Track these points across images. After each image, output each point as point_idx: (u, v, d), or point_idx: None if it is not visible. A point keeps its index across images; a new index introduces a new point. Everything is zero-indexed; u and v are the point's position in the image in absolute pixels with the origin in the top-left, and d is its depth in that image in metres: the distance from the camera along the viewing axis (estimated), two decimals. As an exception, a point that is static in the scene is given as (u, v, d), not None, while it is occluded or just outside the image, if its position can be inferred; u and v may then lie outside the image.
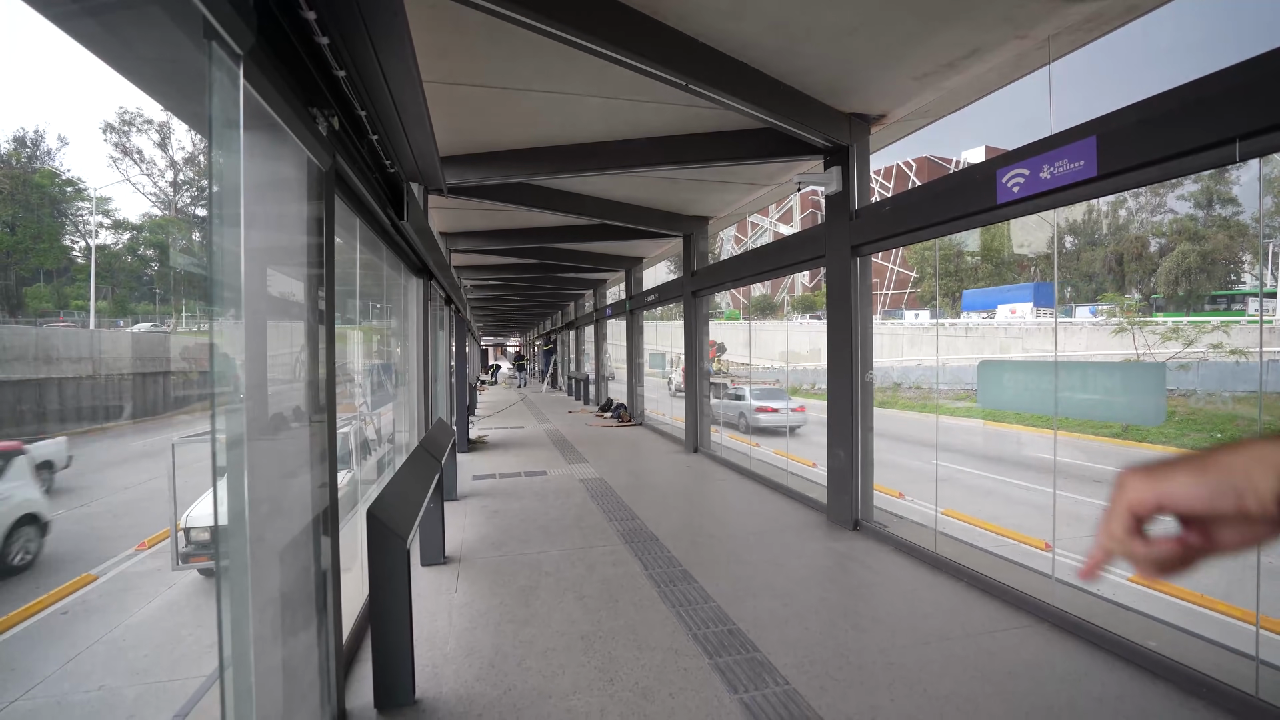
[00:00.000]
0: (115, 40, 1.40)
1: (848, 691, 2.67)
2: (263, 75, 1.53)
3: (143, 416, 17.17)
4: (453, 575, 4.08)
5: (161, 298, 38.52)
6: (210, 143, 1.40)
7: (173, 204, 40.14)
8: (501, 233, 9.65)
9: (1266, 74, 2.37)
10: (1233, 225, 33.37)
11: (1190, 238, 33.10)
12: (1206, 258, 32.20)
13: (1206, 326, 17.83)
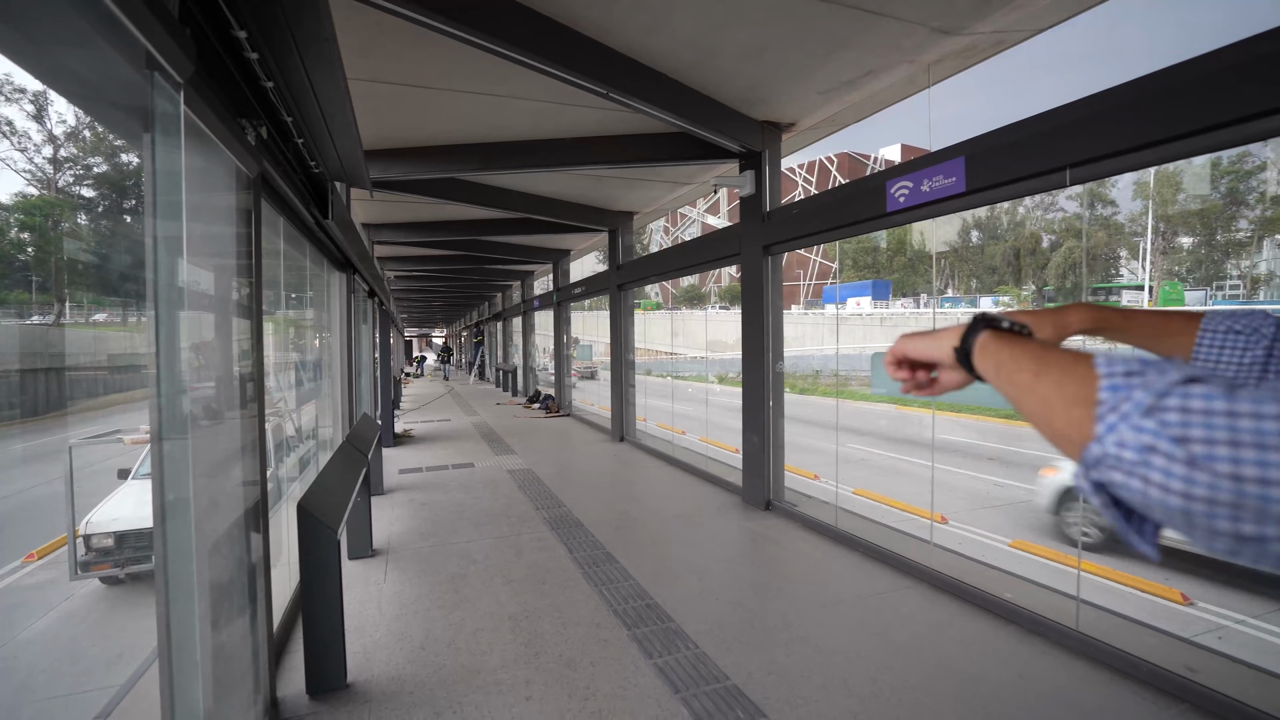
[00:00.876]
0: (50, 60, 1.48)
1: (750, 651, 3.00)
2: (199, 98, 1.63)
3: (29, 417, 15.80)
4: (381, 567, 4.17)
5: (40, 285, 35.25)
6: (153, 161, 1.50)
7: (53, 183, 36.76)
8: (428, 225, 9.57)
9: (1086, 115, 2.82)
10: (1111, 224, 36.66)
11: (1076, 235, 36.12)
12: (1089, 253, 35.38)
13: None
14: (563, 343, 12.49)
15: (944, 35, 3.81)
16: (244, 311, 2.56)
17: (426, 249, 11.76)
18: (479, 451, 8.45)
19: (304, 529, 2.74)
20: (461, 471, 7.16)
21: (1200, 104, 2.42)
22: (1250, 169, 27.05)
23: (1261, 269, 27.63)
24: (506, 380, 17.89)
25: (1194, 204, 30.27)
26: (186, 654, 1.90)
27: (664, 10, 3.65)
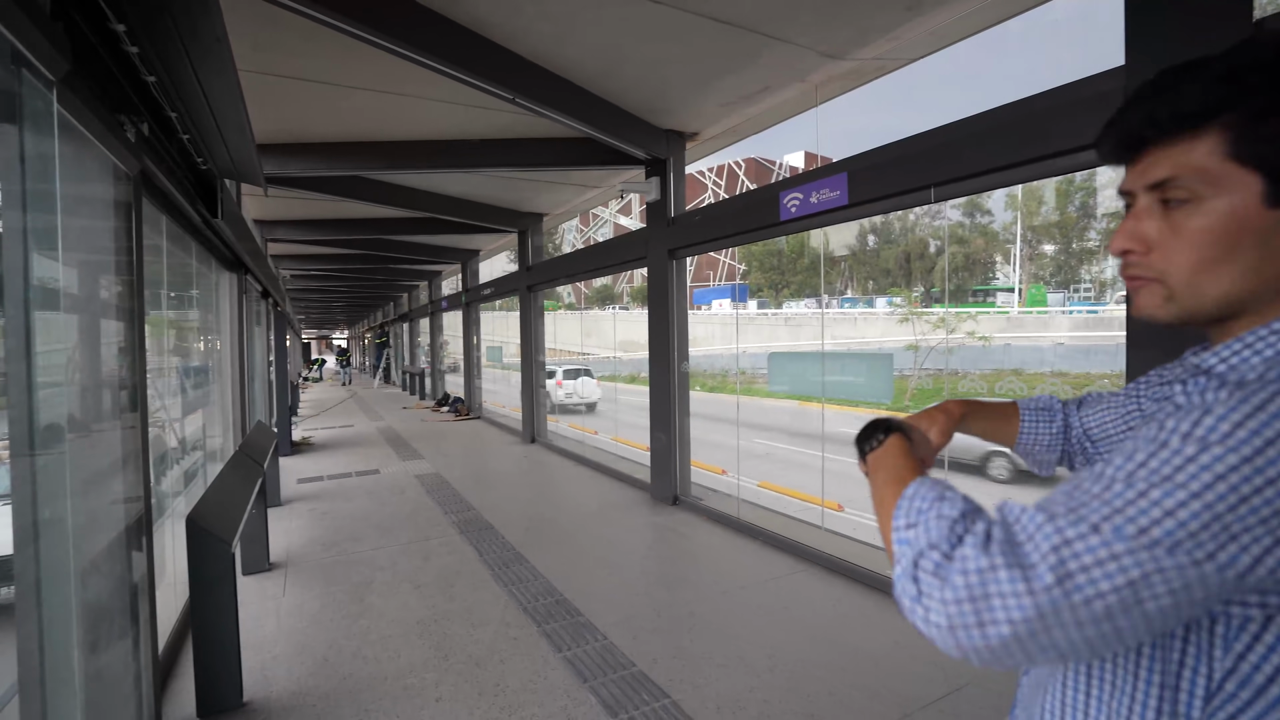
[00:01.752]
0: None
1: (656, 639, 3.15)
2: (74, 95, 1.57)
3: None
4: (280, 580, 4.01)
5: None
6: (21, 161, 1.43)
7: None
8: (328, 223, 9.13)
9: (946, 141, 3.18)
10: (988, 232, 40.11)
11: (958, 241, 39.25)
12: (970, 258, 38.59)
13: (964, 316, 21.52)
14: (472, 344, 12.28)
15: (831, 59, 4.12)
16: (124, 314, 2.43)
17: (327, 248, 11.22)
18: (385, 457, 8.18)
19: (194, 544, 2.62)
20: (366, 478, 6.92)
21: (1035, 136, 2.79)
22: (1094, 186, 30.51)
23: (1108, 274, 31.24)
24: (414, 383, 17.31)
25: (1054, 216, 33.75)
26: (62, 683, 1.81)
27: (569, 20, 3.74)
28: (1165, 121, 0.61)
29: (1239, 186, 0.58)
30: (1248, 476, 0.47)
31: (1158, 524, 0.48)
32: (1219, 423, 0.49)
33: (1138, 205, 0.66)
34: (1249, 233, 0.59)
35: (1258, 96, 0.57)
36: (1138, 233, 0.65)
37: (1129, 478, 0.51)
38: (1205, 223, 0.60)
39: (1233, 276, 0.61)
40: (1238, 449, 0.48)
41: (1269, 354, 0.59)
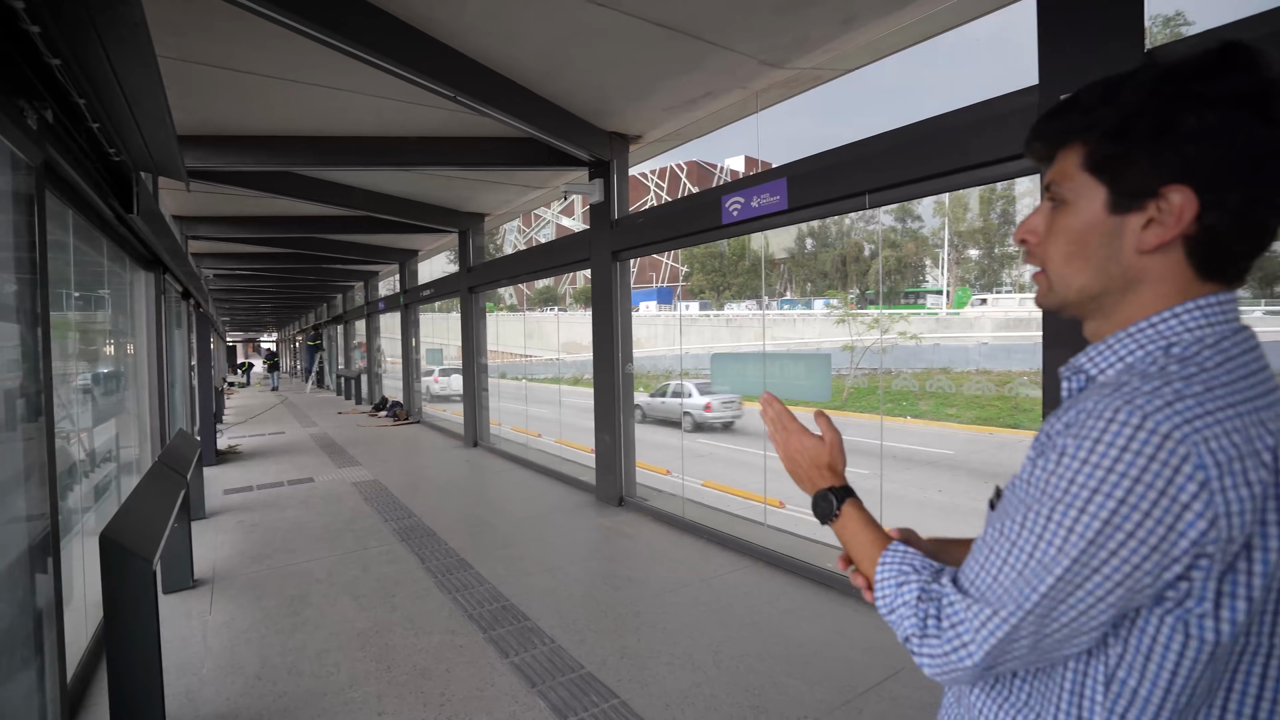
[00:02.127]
0: None
1: (603, 639, 3.15)
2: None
3: None
4: (206, 597, 3.79)
5: None
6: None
7: None
8: (256, 220, 8.68)
9: (877, 151, 3.32)
10: (919, 237, 41.91)
11: (891, 245, 40.85)
12: (901, 261, 40.23)
13: (897, 318, 22.43)
14: (411, 346, 11.95)
15: (771, 67, 4.23)
16: (25, 316, 2.25)
17: (255, 246, 10.68)
18: (319, 465, 7.86)
19: (109, 562, 2.45)
20: (299, 487, 6.63)
21: (959, 148, 2.95)
22: (1014, 195, 32.41)
23: (1025, 278, 33.20)
24: (349, 387, 16.70)
25: (978, 223, 35.61)
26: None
27: (514, 20, 3.70)
28: (1052, 135, 0.72)
29: (1092, 194, 0.68)
30: (1107, 539, 0.58)
31: (1043, 594, 0.61)
32: (1077, 491, 0.60)
33: (1041, 202, 0.76)
34: (1097, 234, 0.68)
35: (1107, 110, 0.66)
36: (1030, 225, 0.76)
37: (1016, 553, 0.63)
38: (1068, 222, 0.70)
39: (1087, 273, 0.70)
40: (1094, 519, 0.58)
41: (1127, 357, 0.67)
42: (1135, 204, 0.65)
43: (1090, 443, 0.59)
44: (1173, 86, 0.62)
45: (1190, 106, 0.61)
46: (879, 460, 4.50)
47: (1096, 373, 0.70)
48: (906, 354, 20.60)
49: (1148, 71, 0.65)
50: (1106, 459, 0.57)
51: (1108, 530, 0.57)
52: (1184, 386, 0.59)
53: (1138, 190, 0.65)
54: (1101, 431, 0.58)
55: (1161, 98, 0.63)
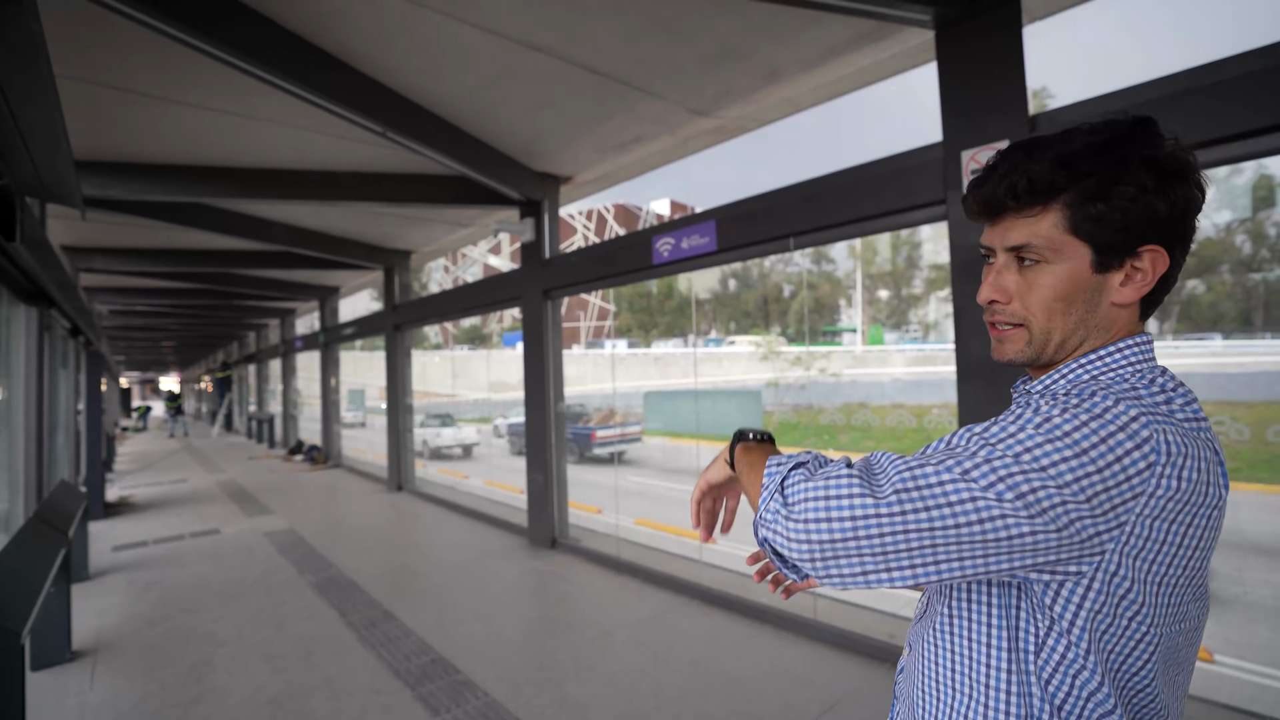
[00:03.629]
0: None
1: (540, 689, 3.04)
2: None
3: None
4: (86, 672, 3.39)
5: None
6: None
7: None
8: (162, 253, 8.11)
9: (801, 197, 3.51)
10: (833, 279, 44.03)
11: (809, 286, 42.71)
12: (818, 302, 42.13)
13: (818, 354, 23.35)
14: (330, 387, 11.40)
15: (698, 115, 4.42)
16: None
17: (158, 280, 9.98)
18: (227, 515, 7.29)
19: (-29, 634, 2.16)
20: (203, 540, 6.11)
21: (873, 195, 3.16)
22: (918, 241, 34.91)
23: (930, 318, 35.57)
24: (261, 430, 15.68)
25: (888, 266, 37.99)
26: None
27: (444, 59, 3.72)
28: (1022, 195, 0.73)
29: (1075, 254, 0.73)
30: (1064, 457, 0.61)
31: (989, 472, 0.62)
32: (1049, 413, 0.64)
33: (998, 260, 0.79)
34: (1082, 290, 0.74)
35: (1089, 180, 0.70)
36: (1001, 285, 0.79)
37: (967, 444, 0.66)
38: (1052, 281, 0.74)
39: (1069, 324, 0.75)
40: (1058, 434, 0.62)
41: (1072, 379, 0.75)
42: (1117, 263, 0.72)
43: (1062, 406, 0.64)
44: (1129, 151, 0.69)
45: (1152, 172, 0.68)
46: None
47: (1044, 391, 0.77)
48: (828, 389, 21.40)
49: (1087, 136, 0.71)
50: (1080, 416, 0.63)
51: (1056, 458, 0.61)
52: (1147, 394, 0.67)
53: (1120, 249, 0.71)
54: (1080, 401, 0.64)
55: (1127, 164, 0.69)
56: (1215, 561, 0.68)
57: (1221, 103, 2.13)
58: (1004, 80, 2.61)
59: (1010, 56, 2.60)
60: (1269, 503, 5.86)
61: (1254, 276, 13.28)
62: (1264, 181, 6.00)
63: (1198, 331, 15.99)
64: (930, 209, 2.99)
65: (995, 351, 0.82)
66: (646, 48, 3.55)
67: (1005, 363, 0.81)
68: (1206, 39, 58.39)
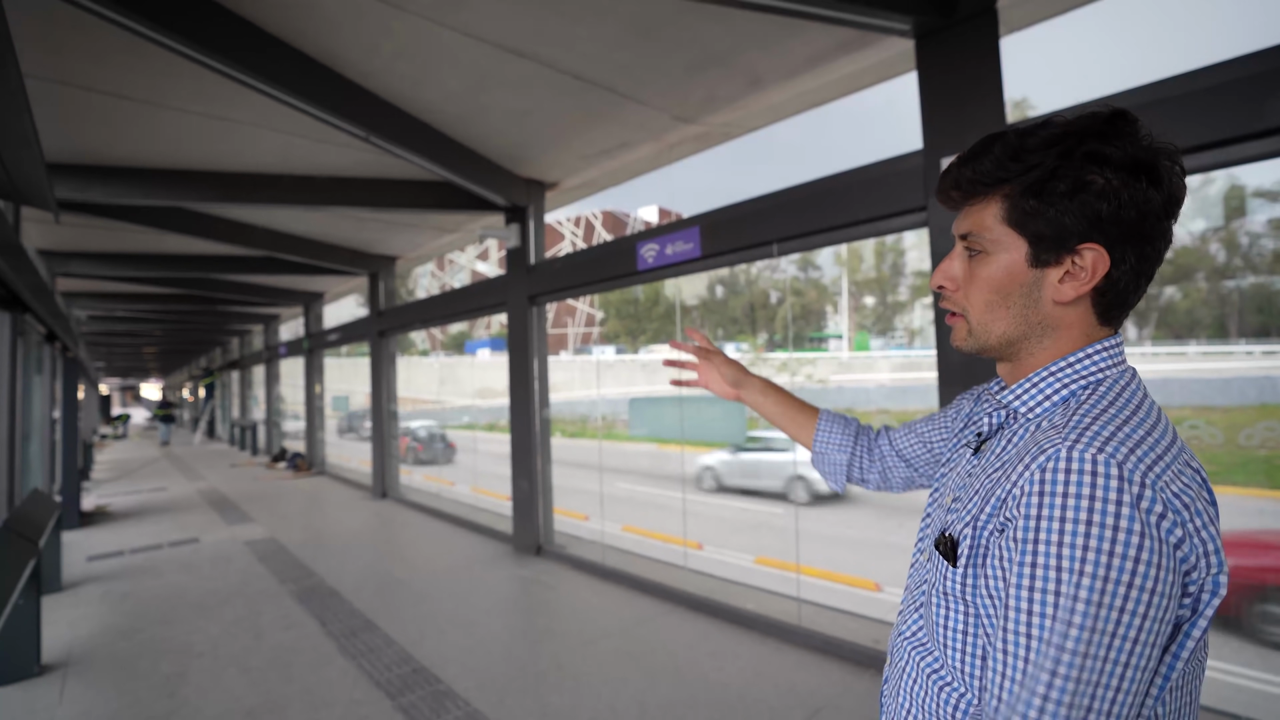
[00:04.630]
0: None
1: (522, 698, 3.00)
2: None
3: None
4: (56, 686, 3.30)
5: None
6: None
7: None
8: (141, 257, 8.00)
9: (784, 203, 3.53)
10: (819, 286, 44.34)
11: (795, 292, 42.99)
12: (805, 308, 42.39)
13: (804, 361, 23.49)
14: (315, 394, 11.29)
15: (682, 122, 4.44)
16: None
17: (138, 285, 9.84)
18: (206, 523, 7.17)
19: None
20: (182, 549, 6.01)
21: (857, 202, 3.19)
22: (903, 248, 35.27)
23: (915, 324, 35.90)
24: (244, 437, 15.47)
25: (873, 273, 38.33)
26: None
27: (429, 64, 3.71)
28: (966, 185, 0.73)
29: (1012, 247, 0.71)
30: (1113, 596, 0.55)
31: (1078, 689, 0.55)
32: (1068, 564, 0.57)
33: (955, 248, 0.79)
34: (1018, 285, 0.72)
35: (1031, 172, 0.68)
36: (949, 271, 0.78)
37: (1034, 662, 0.57)
38: (989, 273, 0.74)
39: (1008, 320, 0.74)
40: (1090, 580, 0.56)
41: (1054, 396, 0.72)
42: (1054, 258, 0.70)
43: (1074, 500, 0.58)
44: (1079, 146, 0.66)
45: (1097, 168, 0.66)
46: (794, 500, 4.63)
47: (1024, 410, 0.74)
48: (814, 395, 21.53)
49: (1048, 129, 0.69)
50: (1096, 516, 0.57)
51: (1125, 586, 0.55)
52: (1133, 430, 0.62)
53: (1056, 245, 0.69)
54: (1081, 486, 0.58)
55: (1070, 158, 0.67)
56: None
57: (1193, 112, 2.18)
58: (982, 89, 2.64)
59: (988, 66, 2.63)
60: (1245, 506, 5.96)
61: (1228, 284, 13.56)
62: (1235, 192, 6.12)
63: (1175, 338, 16.28)
64: (911, 215, 3.01)
65: (950, 338, 0.82)
66: (630, 54, 3.57)
67: (958, 350, 0.80)
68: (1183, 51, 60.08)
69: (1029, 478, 0.61)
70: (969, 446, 0.85)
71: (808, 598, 3.71)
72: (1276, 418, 7.39)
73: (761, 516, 8.99)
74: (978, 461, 0.80)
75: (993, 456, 0.75)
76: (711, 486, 9.86)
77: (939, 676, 0.74)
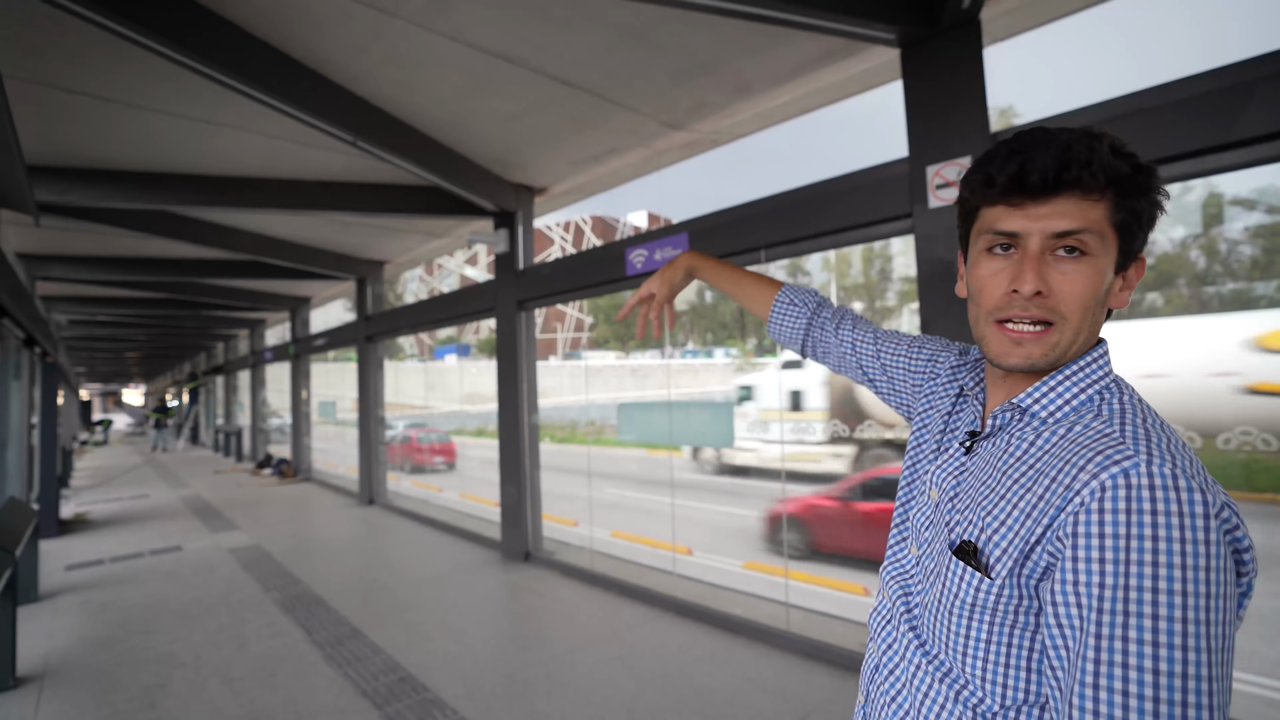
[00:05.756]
0: None
1: (511, 705, 2.98)
2: None
3: None
4: (31, 698, 3.24)
5: None
6: None
7: None
8: (124, 261, 7.90)
9: (772, 209, 3.55)
10: (808, 290, 44.42)
11: (783, 297, 43.10)
12: (795, 313, 42.52)
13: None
14: (301, 399, 11.18)
15: (671, 129, 4.46)
16: None
17: (121, 289, 9.71)
18: (189, 531, 7.07)
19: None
20: (164, 557, 5.92)
21: (843, 208, 3.21)
22: (890, 254, 35.65)
23: (903, 329, 36.27)
24: (229, 443, 15.29)
25: (861, 279, 38.64)
26: None
27: (416, 69, 3.70)
28: (1099, 175, 0.65)
29: (1110, 250, 0.67)
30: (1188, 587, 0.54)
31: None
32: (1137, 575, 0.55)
33: (1029, 248, 0.68)
34: (1103, 290, 0.68)
35: (1140, 174, 0.66)
36: (1044, 275, 0.67)
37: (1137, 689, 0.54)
38: (1093, 275, 0.67)
39: (1091, 327, 0.70)
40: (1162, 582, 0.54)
41: (1072, 400, 0.70)
42: (1125, 265, 0.69)
43: (1164, 517, 0.55)
44: (1145, 163, 0.67)
45: (1157, 184, 0.67)
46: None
47: (1043, 412, 0.71)
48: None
49: (1123, 143, 0.67)
50: (1191, 530, 0.55)
51: (1210, 600, 0.54)
52: (1177, 439, 0.63)
53: (1133, 252, 0.69)
54: (1170, 504, 0.56)
55: (1148, 169, 0.67)
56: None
57: (1169, 123, 2.22)
58: (967, 98, 2.68)
59: (972, 75, 2.67)
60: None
61: (1208, 289, 13.78)
62: (1213, 199, 6.24)
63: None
64: (897, 222, 3.04)
65: (1007, 355, 0.71)
66: (618, 60, 3.58)
67: (1014, 368, 0.72)
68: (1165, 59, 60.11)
69: (1104, 494, 0.58)
70: (960, 444, 0.81)
71: (796, 602, 3.71)
72: (1251, 422, 7.49)
73: (750, 521, 8.99)
74: (971, 462, 0.77)
75: (1004, 458, 0.72)
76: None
77: (951, 680, 0.72)
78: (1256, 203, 6.22)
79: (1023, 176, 0.66)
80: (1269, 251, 6.65)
